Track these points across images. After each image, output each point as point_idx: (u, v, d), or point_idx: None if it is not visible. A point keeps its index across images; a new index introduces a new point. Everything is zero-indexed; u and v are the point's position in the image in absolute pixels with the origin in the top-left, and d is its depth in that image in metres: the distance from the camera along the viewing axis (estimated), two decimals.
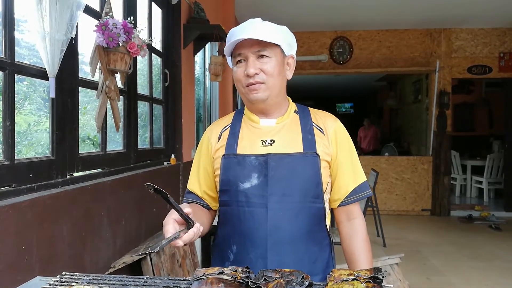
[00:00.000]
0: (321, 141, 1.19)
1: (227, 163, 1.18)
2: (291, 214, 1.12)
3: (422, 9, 5.31)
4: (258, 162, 1.15)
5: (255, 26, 1.14)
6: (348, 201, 1.22)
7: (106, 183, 1.76)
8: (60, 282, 0.85)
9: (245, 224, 1.13)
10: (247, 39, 1.12)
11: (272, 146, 1.17)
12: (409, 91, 8.33)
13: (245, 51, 1.14)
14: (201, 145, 1.29)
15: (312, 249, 1.16)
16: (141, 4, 2.37)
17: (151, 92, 2.52)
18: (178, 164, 2.76)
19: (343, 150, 1.22)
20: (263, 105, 1.18)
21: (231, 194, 1.16)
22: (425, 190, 6.47)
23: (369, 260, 1.19)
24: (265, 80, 1.14)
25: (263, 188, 1.13)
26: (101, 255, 1.71)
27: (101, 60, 1.68)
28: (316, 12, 5.38)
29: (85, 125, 1.99)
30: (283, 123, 1.22)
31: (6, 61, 1.27)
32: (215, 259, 1.25)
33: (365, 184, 1.25)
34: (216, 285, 0.73)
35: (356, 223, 1.23)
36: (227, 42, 1.18)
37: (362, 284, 0.71)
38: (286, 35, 1.20)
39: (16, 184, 1.30)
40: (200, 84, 3.96)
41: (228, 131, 1.25)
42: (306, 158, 1.15)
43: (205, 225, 1.19)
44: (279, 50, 1.17)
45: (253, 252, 1.12)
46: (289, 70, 1.22)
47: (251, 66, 1.13)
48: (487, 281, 3.68)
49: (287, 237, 1.12)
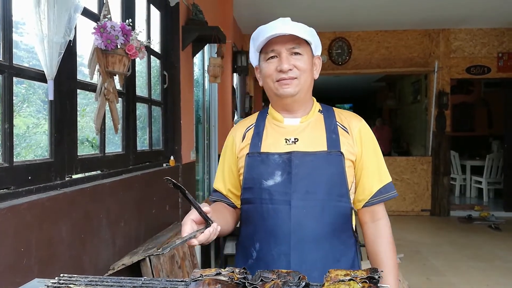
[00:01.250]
0: (345, 140, 1.19)
1: (251, 161, 1.19)
2: (314, 211, 1.12)
3: (421, 9, 5.32)
4: (281, 160, 1.15)
5: (288, 23, 1.16)
6: (372, 201, 1.20)
7: (105, 185, 1.77)
8: (58, 284, 0.85)
9: (268, 221, 1.14)
10: (281, 35, 1.13)
11: (296, 144, 1.17)
12: (408, 92, 8.34)
13: (279, 47, 1.15)
14: (226, 145, 1.31)
15: (336, 247, 1.15)
16: (139, 6, 2.37)
17: (150, 94, 2.53)
18: (177, 165, 2.77)
19: (368, 150, 1.21)
20: (290, 101, 1.19)
21: (255, 192, 1.17)
22: (424, 191, 6.48)
23: (393, 262, 1.18)
24: (298, 75, 1.16)
25: (286, 185, 1.13)
26: (100, 257, 1.71)
27: (99, 62, 1.68)
28: (315, 13, 5.39)
29: (84, 127, 1.99)
30: (307, 122, 1.22)
31: (5, 63, 1.27)
32: (239, 257, 1.26)
33: (390, 185, 1.24)
34: (213, 286, 0.74)
35: (381, 224, 1.22)
36: (254, 39, 1.20)
37: (358, 284, 0.72)
38: (315, 36, 1.23)
39: (15, 186, 1.30)
40: (199, 85, 3.96)
41: (252, 130, 1.26)
42: (330, 157, 1.15)
43: (229, 223, 1.21)
44: (310, 49, 1.20)
45: (276, 249, 1.12)
46: (316, 70, 1.24)
47: (285, 62, 1.14)
48: (487, 281, 3.68)
49: (311, 234, 1.12)
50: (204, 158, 4.12)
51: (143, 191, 2.17)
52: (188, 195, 0.87)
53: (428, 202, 6.46)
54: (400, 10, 5.37)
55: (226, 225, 1.17)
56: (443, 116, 6.33)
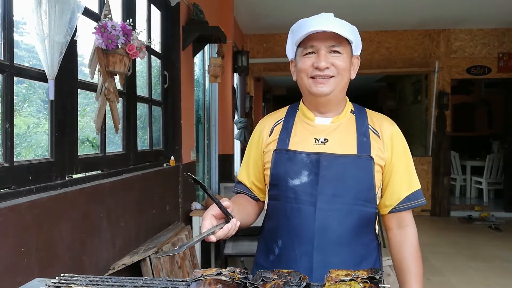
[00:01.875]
0: (376, 144, 1.16)
1: (277, 158, 1.17)
2: (340, 215, 1.10)
3: (421, 10, 5.32)
4: (309, 160, 1.13)
5: (331, 20, 1.13)
6: (399, 208, 1.17)
7: (106, 185, 1.77)
8: (59, 284, 0.85)
9: (292, 220, 1.12)
10: (322, 32, 1.10)
11: (326, 145, 1.14)
12: (408, 92, 8.34)
13: (318, 44, 1.12)
14: (253, 138, 1.29)
15: (358, 251, 1.14)
16: (140, 6, 2.37)
17: (150, 93, 2.53)
18: (178, 165, 2.77)
19: (398, 155, 1.18)
20: (324, 100, 1.16)
21: (280, 189, 1.16)
22: (424, 191, 6.47)
23: (419, 270, 1.15)
24: (335, 74, 1.13)
25: (313, 186, 1.11)
26: (100, 256, 1.71)
27: (100, 62, 1.68)
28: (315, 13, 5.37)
29: (85, 127, 1.99)
30: (338, 122, 1.19)
31: (5, 63, 1.27)
32: (260, 251, 1.24)
33: (419, 192, 1.20)
34: (214, 286, 0.74)
35: (408, 230, 1.19)
36: (293, 31, 1.18)
37: (359, 284, 0.72)
38: (357, 35, 1.20)
39: (15, 186, 1.30)
40: (200, 85, 3.96)
41: (281, 125, 1.23)
42: (360, 161, 1.12)
43: (250, 216, 1.21)
44: (350, 48, 1.17)
45: (298, 248, 1.11)
46: (353, 70, 1.21)
47: (322, 59, 1.11)
48: (487, 281, 3.68)
49: (335, 237, 1.10)
50: (204, 158, 4.12)
51: (143, 191, 2.17)
52: (208, 190, 0.87)
53: (428, 202, 6.46)
54: (400, 10, 5.37)
55: (247, 217, 1.17)
56: (444, 116, 6.33)
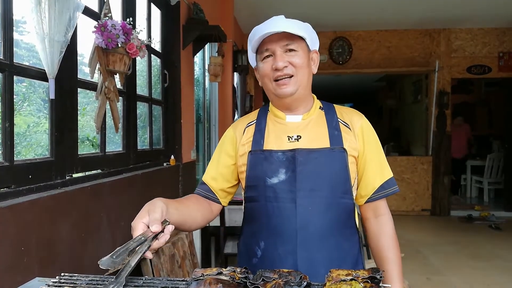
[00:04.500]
0: (347, 136, 1.19)
1: (254, 159, 1.18)
2: (320, 209, 1.12)
3: (422, 9, 5.31)
4: (285, 158, 1.15)
5: (281, 21, 1.16)
6: (375, 197, 1.21)
7: (106, 184, 1.77)
8: (59, 283, 0.85)
9: (273, 220, 1.13)
10: (274, 34, 1.14)
11: (299, 141, 1.17)
12: (408, 91, 8.34)
13: (273, 46, 1.15)
14: (224, 141, 1.29)
15: (342, 245, 1.15)
16: (140, 5, 2.37)
17: (150, 93, 2.52)
18: (178, 164, 2.77)
19: (370, 146, 1.21)
20: (290, 100, 1.19)
21: (259, 190, 1.16)
22: (425, 190, 6.47)
23: (398, 258, 1.18)
24: (294, 72, 1.15)
25: (291, 183, 1.12)
26: (100, 256, 1.70)
27: (100, 61, 1.68)
28: (315, 12, 5.39)
29: (85, 126, 1.99)
30: (309, 119, 1.22)
31: (5, 62, 1.27)
32: (242, 256, 1.24)
33: (392, 180, 1.24)
34: (214, 285, 0.74)
35: (384, 219, 1.22)
36: (250, 40, 1.21)
37: (360, 284, 0.71)
38: (310, 31, 1.22)
39: (15, 185, 1.30)
40: (200, 84, 3.96)
41: (253, 127, 1.25)
42: (334, 153, 1.15)
43: (194, 220, 1.15)
44: (305, 44, 1.19)
45: (282, 247, 1.12)
46: (314, 65, 1.23)
47: (279, 59, 1.14)
48: (487, 281, 3.68)
49: (316, 232, 1.11)
50: (204, 157, 4.12)
51: (143, 190, 2.17)
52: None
53: (428, 202, 6.46)
54: (401, 9, 5.36)
55: (188, 221, 1.11)
56: (444, 115, 6.33)
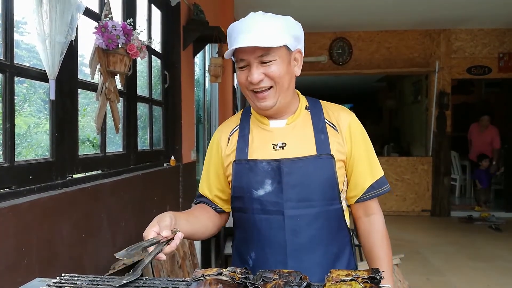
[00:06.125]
0: (335, 139, 1.14)
1: (238, 169, 1.15)
2: (309, 219, 1.10)
3: (422, 10, 5.32)
4: (270, 168, 1.11)
5: (257, 26, 1.05)
6: (365, 197, 1.18)
7: (106, 185, 1.77)
8: (59, 284, 0.85)
9: (262, 232, 1.11)
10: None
11: (284, 150, 1.12)
12: (408, 92, 8.34)
13: (248, 57, 1.06)
14: (211, 148, 1.26)
15: (331, 250, 1.14)
16: (141, 5, 2.37)
17: (150, 93, 2.53)
18: (178, 165, 2.77)
19: (358, 146, 1.17)
20: (271, 111, 1.13)
21: (245, 201, 1.14)
22: (425, 191, 6.47)
23: (388, 256, 1.17)
24: (273, 83, 1.08)
25: (277, 195, 1.10)
26: (101, 256, 1.71)
27: (100, 62, 1.68)
28: (315, 13, 5.39)
29: (85, 126, 1.99)
30: (294, 123, 1.16)
31: (6, 63, 1.27)
32: (235, 261, 1.24)
33: (383, 179, 1.20)
34: (214, 286, 0.74)
35: (375, 218, 1.20)
36: (228, 38, 1.11)
37: (360, 284, 0.72)
38: (292, 28, 1.11)
39: (16, 186, 1.30)
40: (200, 85, 3.96)
41: (237, 133, 1.20)
42: (320, 161, 1.11)
43: (206, 227, 1.19)
44: (284, 48, 1.08)
45: (272, 258, 1.11)
46: (297, 65, 1.15)
47: (254, 71, 1.06)
48: (487, 281, 3.68)
49: (307, 242, 1.10)
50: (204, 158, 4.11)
51: (143, 191, 2.17)
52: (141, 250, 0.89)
53: (428, 202, 6.46)
54: (401, 10, 5.37)
55: (200, 229, 1.16)
56: (444, 116, 6.33)
